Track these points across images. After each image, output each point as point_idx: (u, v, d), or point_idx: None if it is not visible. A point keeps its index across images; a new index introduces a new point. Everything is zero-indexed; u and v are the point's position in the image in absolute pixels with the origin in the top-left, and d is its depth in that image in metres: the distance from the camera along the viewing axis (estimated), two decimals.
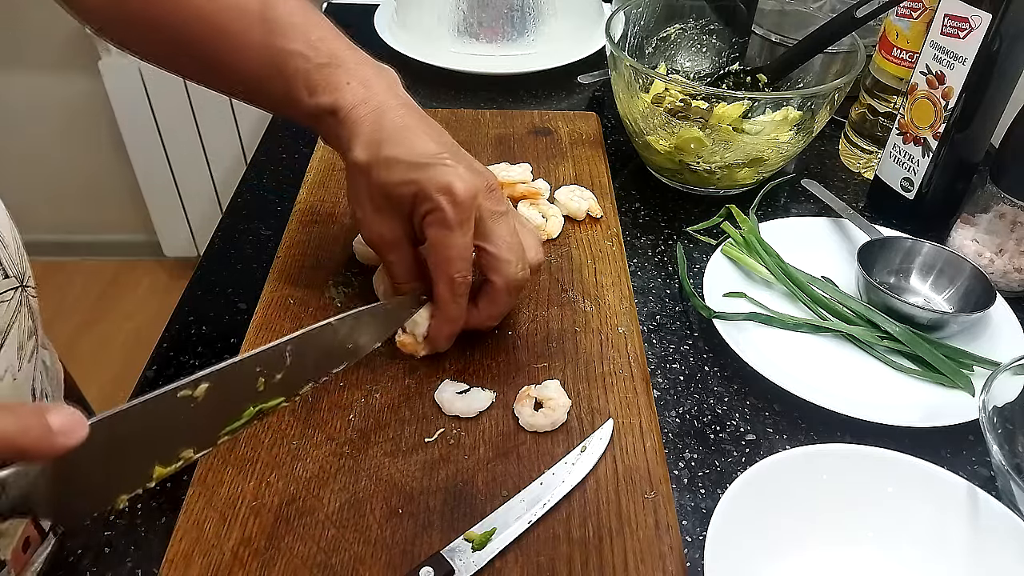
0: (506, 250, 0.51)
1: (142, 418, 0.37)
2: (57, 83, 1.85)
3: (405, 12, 1.03)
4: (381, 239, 0.53)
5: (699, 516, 0.50)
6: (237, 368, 0.41)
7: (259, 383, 0.43)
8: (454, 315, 0.53)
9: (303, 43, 0.52)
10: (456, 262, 0.50)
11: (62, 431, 0.32)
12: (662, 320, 0.64)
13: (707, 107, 0.71)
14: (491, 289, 0.53)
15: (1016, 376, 0.52)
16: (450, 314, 0.53)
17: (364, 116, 0.51)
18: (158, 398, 0.38)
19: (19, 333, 0.49)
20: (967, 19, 0.63)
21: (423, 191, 0.49)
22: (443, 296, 0.52)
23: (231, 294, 0.65)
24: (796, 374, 0.57)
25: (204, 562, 0.44)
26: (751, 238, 0.68)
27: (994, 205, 0.66)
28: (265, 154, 0.84)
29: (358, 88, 0.52)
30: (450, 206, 0.49)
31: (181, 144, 1.84)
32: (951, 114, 0.67)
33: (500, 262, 0.51)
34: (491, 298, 0.53)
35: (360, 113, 0.51)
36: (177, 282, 2.11)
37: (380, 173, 0.50)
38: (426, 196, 0.49)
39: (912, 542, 0.46)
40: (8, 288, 0.48)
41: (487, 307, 0.54)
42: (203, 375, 0.39)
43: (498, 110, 0.87)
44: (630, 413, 0.53)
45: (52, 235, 2.10)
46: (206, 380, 0.39)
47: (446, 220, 0.49)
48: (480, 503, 0.47)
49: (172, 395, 0.38)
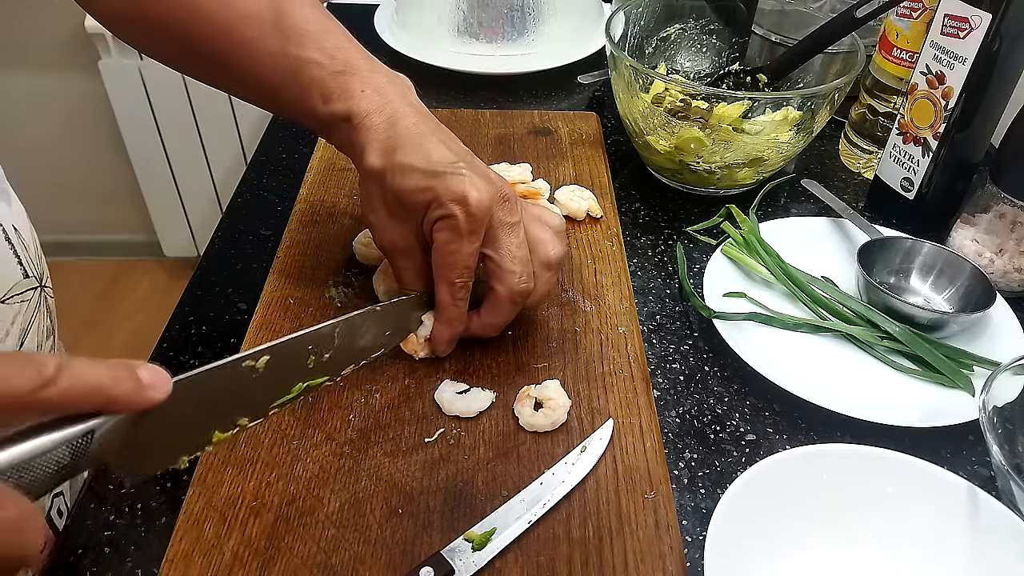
0: (511, 261, 0.51)
1: (210, 384, 0.39)
2: (57, 83, 1.85)
3: (405, 12, 1.03)
4: (393, 245, 0.53)
5: (699, 516, 0.50)
6: (293, 344, 0.45)
7: (309, 360, 0.46)
8: (453, 317, 0.53)
9: (318, 51, 0.52)
10: (459, 268, 0.51)
11: (151, 385, 0.34)
12: (662, 320, 0.64)
13: (707, 107, 0.71)
14: (494, 297, 0.53)
15: (1016, 376, 0.52)
16: (449, 315, 0.53)
17: (378, 123, 0.51)
18: (226, 366, 0.41)
19: (38, 332, 0.49)
20: (967, 19, 0.63)
21: (438, 199, 0.49)
22: (443, 298, 0.52)
23: (231, 294, 0.65)
24: (796, 374, 0.57)
25: (204, 562, 0.44)
26: (751, 238, 0.68)
27: (994, 205, 0.66)
28: (265, 154, 0.84)
29: (372, 96, 0.52)
30: (463, 215, 0.49)
31: (181, 144, 1.84)
32: (951, 114, 0.67)
33: (505, 272, 0.52)
34: (493, 306, 0.54)
35: (374, 120, 0.51)
36: (177, 282, 2.11)
37: (395, 179, 0.50)
38: (440, 203, 0.49)
39: (912, 542, 0.46)
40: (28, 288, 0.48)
41: (489, 315, 0.54)
42: (264, 348, 0.43)
43: (498, 110, 0.87)
44: (630, 413, 0.53)
45: (52, 235, 2.08)
46: (267, 353, 0.43)
47: (457, 228, 0.49)
48: (480, 503, 0.47)
49: (238, 364, 0.42)
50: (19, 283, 0.47)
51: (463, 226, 0.49)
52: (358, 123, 0.52)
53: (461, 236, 0.50)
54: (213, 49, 0.53)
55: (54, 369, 0.31)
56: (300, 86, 0.52)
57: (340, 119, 0.52)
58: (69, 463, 0.33)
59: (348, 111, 0.52)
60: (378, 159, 0.51)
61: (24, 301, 0.47)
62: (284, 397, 0.46)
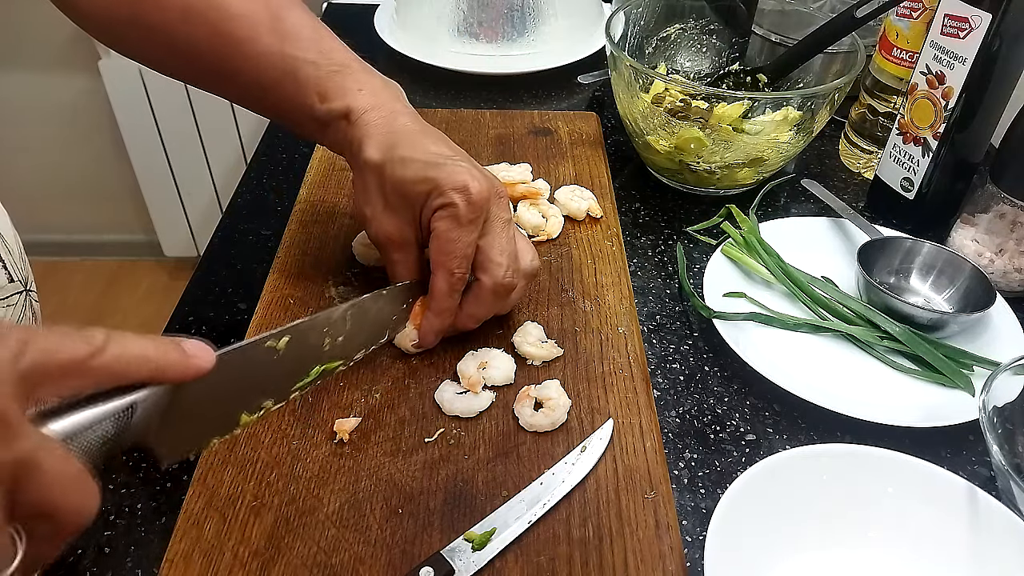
0: (499, 253, 0.53)
1: (238, 363, 0.41)
2: (57, 83, 1.85)
3: (405, 12, 1.03)
4: (388, 238, 0.54)
5: (699, 516, 0.50)
6: (309, 325, 0.47)
7: (325, 343, 0.48)
8: (444, 308, 0.54)
9: (314, 52, 0.54)
10: (458, 257, 0.52)
11: (195, 355, 0.36)
12: (662, 320, 0.64)
13: (707, 107, 0.71)
14: (478, 288, 0.54)
15: (1016, 376, 0.52)
16: (442, 306, 0.54)
17: (377, 119, 0.53)
18: (250, 345, 0.43)
19: None
20: (967, 19, 0.63)
21: (439, 188, 0.51)
22: (439, 288, 0.53)
23: (231, 294, 0.65)
24: (796, 374, 0.57)
25: (204, 562, 0.44)
26: (751, 238, 0.68)
27: (994, 205, 0.66)
28: (265, 154, 0.84)
29: (369, 94, 0.54)
30: (464, 203, 0.50)
31: (181, 144, 1.84)
32: (951, 114, 0.67)
33: (492, 263, 0.53)
34: (477, 297, 0.54)
35: (373, 116, 0.53)
36: (177, 282, 2.11)
37: (395, 170, 0.52)
38: (441, 192, 0.51)
39: (912, 542, 0.46)
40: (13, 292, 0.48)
41: (471, 305, 0.55)
42: (284, 329, 0.45)
43: (498, 110, 0.87)
44: (630, 413, 0.53)
45: (52, 235, 2.10)
46: (287, 333, 0.45)
47: (458, 216, 0.51)
48: (480, 503, 0.47)
49: (261, 344, 0.43)
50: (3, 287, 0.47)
51: (463, 214, 0.50)
52: (356, 119, 0.53)
53: (461, 224, 0.51)
54: (209, 52, 0.54)
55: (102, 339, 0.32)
56: (297, 85, 0.54)
57: (338, 116, 0.54)
58: (113, 436, 0.34)
59: (346, 108, 0.53)
60: (377, 152, 0.52)
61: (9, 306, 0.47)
62: (304, 380, 0.48)
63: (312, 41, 0.54)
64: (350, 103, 0.53)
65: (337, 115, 0.54)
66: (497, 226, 0.53)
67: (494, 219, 0.52)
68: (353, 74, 0.54)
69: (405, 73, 0.96)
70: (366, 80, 0.54)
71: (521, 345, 0.56)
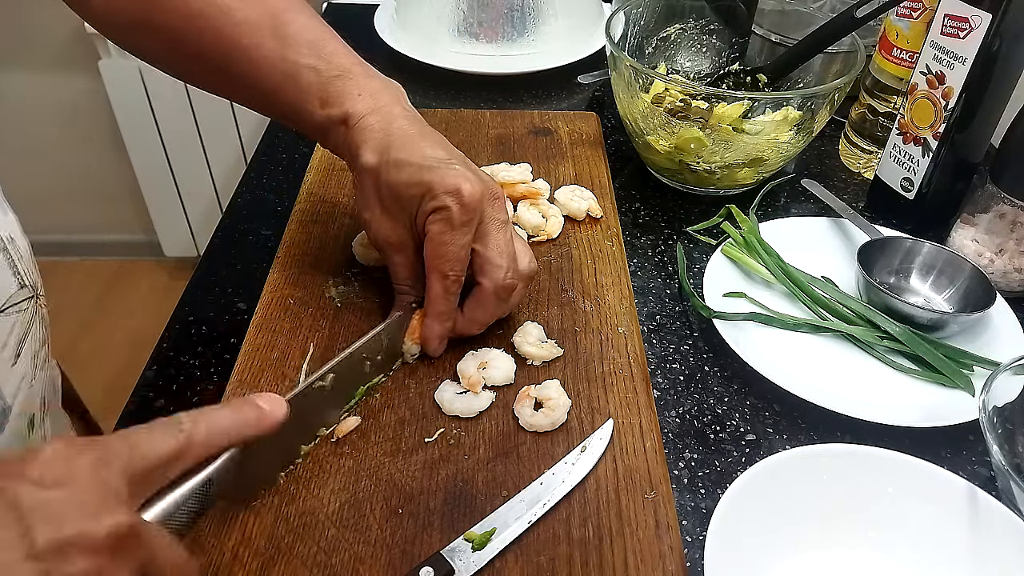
0: (499, 255, 0.53)
1: (296, 405, 0.43)
2: (57, 83, 1.85)
3: (405, 12, 1.03)
4: (387, 241, 0.55)
5: (699, 516, 0.50)
6: (350, 358, 0.51)
7: (366, 366, 0.53)
8: (442, 311, 0.54)
9: (315, 57, 0.54)
10: (452, 260, 0.52)
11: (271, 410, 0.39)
12: (662, 320, 0.64)
13: (707, 107, 0.71)
14: (479, 292, 0.54)
15: (1016, 376, 0.52)
16: (439, 309, 0.54)
17: (374, 123, 0.53)
18: (306, 391, 0.48)
19: (34, 342, 0.49)
20: (967, 19, 0.63)
21: (431, 191, 0.51)
22: (435, 291, 0.53)
23: (231, 294, 0.65)
24: (796, 374, 0.57)
25: (204, 562, 0.44)
26: (751, 238, 0.68)
27: (994, 205, 0.66)
28: (265, 154, 0.84)
29: (368, 99, 0.54)
30: (457, 206, 0.50)
31: (181, 144, 1.84)
32: (951, 114, 0.67)
33: (492, 266, 0.53)
34: (478, 301, 0.54)
35: (370, 121, 0.53)
36: (177, 282, 2.11)
37: (390, 173, 0.52)
38: (433, 195, 0.51)
39: (912, 542, 0.46)
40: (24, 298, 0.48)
41: (473, 310, 0.55)
42: (328, 368, 0.49)
43: (498, 110, 0.87)
44: (630, 413, 0.53)
45: (52, 235, 2.10)
46: (332, 372, 0.49)
47: (451, 219, 0.51)
48: (480, 503, 0.47)
49: (311, 386, 0.48)
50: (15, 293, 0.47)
51: (456, 217, 0.51)
52: (354, 124, 0.53)
53: (454, 227, 0.51)
54: (213, 56, 0.54)
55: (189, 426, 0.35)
56: (298, 90, 0.54)
57: (337, 122, 0.54)
58: (197, 510, 0.37)
59: (345, 113, 0.53)
60: (373, 156, 0.52)
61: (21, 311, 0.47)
62: (351, 402, 0.52)
63: (314, 46, 0.54)
64: (349, 108, 0.53)
65: (337, 120, 0.54)
66: (493, 228, 0.53)
67: (489, 221, 0.52)
68: (354, 79, 0.54)
69: (405, 73, 0.96)
70: (366, 84, 0.54)
71: (521, 345, 0.56)
